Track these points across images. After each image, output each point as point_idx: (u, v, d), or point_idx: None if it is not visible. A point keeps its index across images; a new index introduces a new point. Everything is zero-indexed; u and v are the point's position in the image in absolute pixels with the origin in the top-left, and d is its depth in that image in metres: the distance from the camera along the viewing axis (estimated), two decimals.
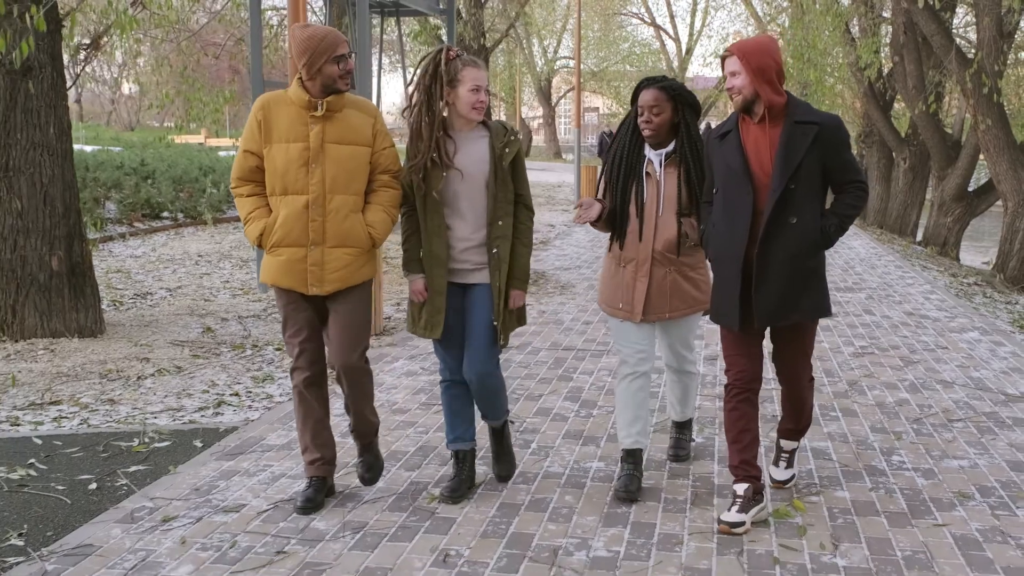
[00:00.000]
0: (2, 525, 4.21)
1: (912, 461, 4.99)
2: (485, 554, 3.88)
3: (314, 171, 4.09)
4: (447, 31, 12.35)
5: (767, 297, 4.08)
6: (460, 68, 4.15)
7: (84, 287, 7.84)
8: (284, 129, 4.12)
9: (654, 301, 4.46)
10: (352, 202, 4.17)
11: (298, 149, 4.09)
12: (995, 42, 14.64)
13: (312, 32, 4.07)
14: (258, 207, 4.20)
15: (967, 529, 4.12)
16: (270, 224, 4.15)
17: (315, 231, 4.12)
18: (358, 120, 4.18)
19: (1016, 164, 14.97)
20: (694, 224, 4.38)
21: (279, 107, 4.15)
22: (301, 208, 4.11)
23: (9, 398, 6.17)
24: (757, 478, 4.21)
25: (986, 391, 6.33)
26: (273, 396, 6.24)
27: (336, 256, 4.16)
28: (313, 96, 4.10)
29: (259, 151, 4.16)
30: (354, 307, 4.23)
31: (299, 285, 4.17)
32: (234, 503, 4.40)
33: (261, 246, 4.20)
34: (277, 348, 7.58)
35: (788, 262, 4.04)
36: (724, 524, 4.08)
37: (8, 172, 7.47)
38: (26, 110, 7.48)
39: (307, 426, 4.36)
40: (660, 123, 4.33)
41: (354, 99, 4.24)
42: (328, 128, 4.12)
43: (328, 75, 4.07)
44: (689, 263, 4.49)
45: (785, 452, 4.63)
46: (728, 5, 47.26)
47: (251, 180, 4.22)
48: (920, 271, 12.56)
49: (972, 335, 8.17)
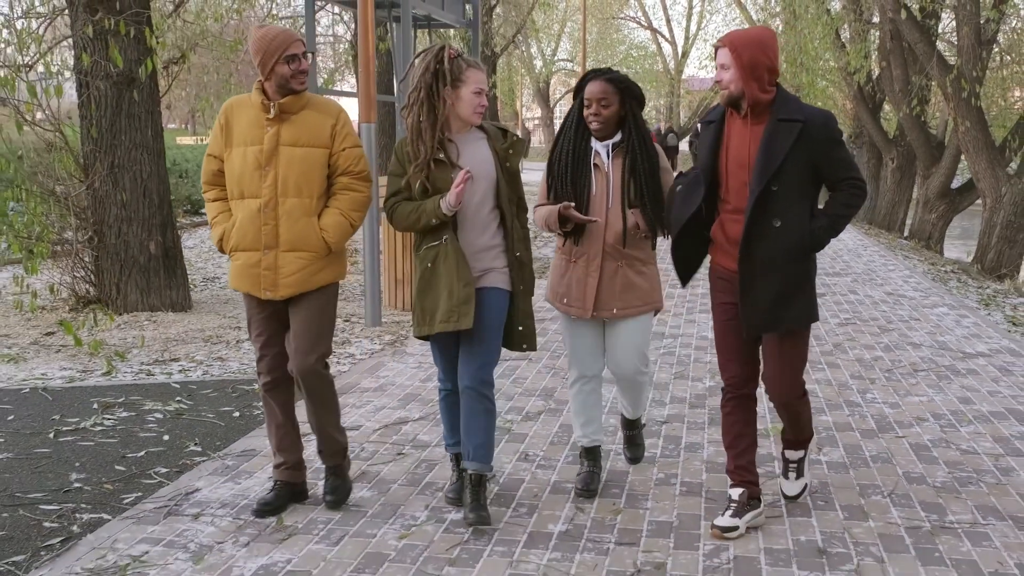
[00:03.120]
0: (179, 437, 5.45)
1: (882, 397, 6.25)
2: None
3: (267, 174, 4.03)
4: (472, 42, 13.57)
5: (754, 306, 3.95)
6: (463, 68, 4.02)
7: (175, 268, 9.08)
8: (243, 132, 4.07)
9: (604, 296, 4.33)
10: (306, 205, 4.08)
11: (254, 152, 4.04)
12: (974, 49, 15.88)
13: (265, 32, 4.03)
14: (221, 211, 4.19)
15: (921, 440, 5.38)
16: (229, 228, 4.14)
17: (268, 235, 4.06)
18: (315, 121, 4.08)
19: (993, 163, 16.23)
20: (640, 215, 4.27)
21: (241, 110, 4.11)
22: (255, 212, 4.05)
23: (135, 356, 7.40)
24: (754, 483, 4.16)
25: (948, 350, 7.60)
26: (355, 355, 7.49)
27: (289, 260, 4.08)
28: (270, 98, 4.05)
29: (220, 154, 4.15)
30: (312, 311, 4.15)
31: (254, 289, 4.12)
32: (353, 423, 5.64)
33: (223, 251, 4.19)
34: (345, 320, 8.82)
35: (773, 268, 3.90)
36: (716, 529, 4.05)
37: (114, 169, 8.71)
38: (129, 115, 8.72)
39: (270, 430, 4.36)
40: (608, 116, 4.21)
41: (316, 99, 4.16)
42: (283, 130, 4.04)
43: (280, 75, 4.00)
44: (640, 257, 4.36)
45: (792, 463, 4.42)
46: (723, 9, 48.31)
47: (215, 184, 4.21)
48: (902, 260, 13.85)
49: (942, 310, 9.44)
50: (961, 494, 4.55)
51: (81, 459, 5.08)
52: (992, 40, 17.13)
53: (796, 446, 4.38)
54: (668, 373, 6.85)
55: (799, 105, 3.84)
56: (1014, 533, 4.10)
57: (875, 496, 4.53)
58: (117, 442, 5.37)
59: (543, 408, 5.96)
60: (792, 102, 3.84)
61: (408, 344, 7.81)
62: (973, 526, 4.18)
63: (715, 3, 47.23)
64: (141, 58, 8.71)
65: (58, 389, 6.47)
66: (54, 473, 4.87)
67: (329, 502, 4.35)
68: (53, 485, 4.71)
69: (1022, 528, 4.16)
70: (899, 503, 4.44)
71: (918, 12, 17.68)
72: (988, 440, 5.35)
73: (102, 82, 8.54)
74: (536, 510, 4.35)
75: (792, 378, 4.07)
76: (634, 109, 4.25)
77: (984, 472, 4.85)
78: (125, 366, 7.12)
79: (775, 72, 3.83)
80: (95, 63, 8.45)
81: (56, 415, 5.86)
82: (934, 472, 4.85)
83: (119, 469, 4.94)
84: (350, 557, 3.86)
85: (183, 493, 4.56)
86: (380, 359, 7.32)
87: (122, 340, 7.91)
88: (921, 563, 3.82)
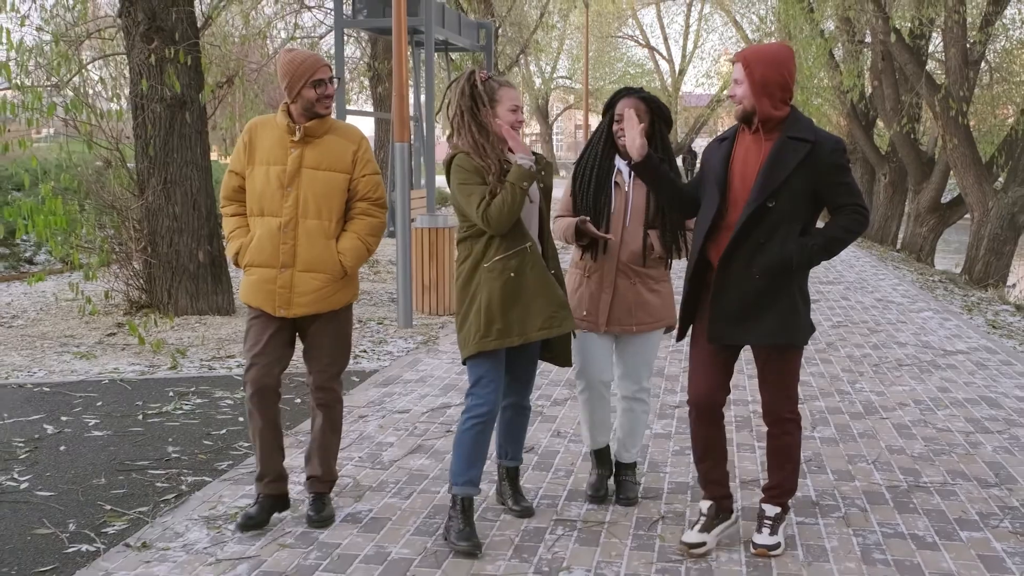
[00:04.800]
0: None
1: (869, 387, 7.02)
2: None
3: (289, 194, 4.13)
4: (486, 65, 14.43)
5: (720, 314, 3.94)
6: (496, 88, 4.10)
7: (221, 275, 9.86)
8: (266, 151, 4.17)
9: (617, 312, 4.43)
10: (325, 227, 4.18)
11: (276, 172, 4.14)
12: (961, 70, 16.69)
13: (293, 56, 4.14)
14: (239, 226, 4.27)
15: (902, 421, 6.15)
16: (246, 244, 4.22)
17: (286, 254, 4.15)
18: (338, 146, 4.19)
19: (980, 179, 17.03)
20: (657, 237, 4.38)
21: (265, 130, 4.22)
22: (274, 230, 4.15)
23: (193, 354, 8.16)
24: (725, 496, 4.18)
25: (930, 348, 8.39)
26: (392, 352, 8.26)
27: (305, 280, 4.17)
28: (295, 121, 4.16)
29: (243, 171, 4.23)
30: (331, 330, 4.29)
31: (267, 305, 4.20)
32: (402, 408, 6.41)
33: (238, 264, 4.27)
34: (379, 323, 9.59)
35: (747, 282, 3.88)
36: (683, 544, 4.06)
37: (167, 184, 9.49)
38: (181, 135, 9.51)
39: (254, 442, 4.38)
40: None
41: (339, 125, 4.27)
42: (307, 153, 4.15)
43: (306, 99, 4.10)
44: (654, 275, 4.45)
45: (768, 518, 4.13)
46: (720, 28, 49.24)
47: (235, 200, 4.29)
48: (892, 270, 14.67)
49: (927, 314, 10.24)
50: (935, 462, 5.32)
51: (172, 436, 5.84)
52: (979, 61, 17.90)
53: (776, 498, 4.15)
54: (678, 367, 7.62)
55: (811, 126, 3.84)
56: (977, 491, 4.87)
57: (861, 463, 5.30)
58: (199, 423, 6.13)
59: (568, 396, 6.72)
60: (804, 122, 3.85)
61: (440, 342, 8.59)
62: (943, 485, 4.95)
63: (711, 22, 48.07)
64: (192, 83, 9.50)
65: (134, 380, 7.24)
66: (152, 447, 5.63)
67: (313, 519, 4.37)
68: (154, 455, 5.47)
69: (984, 487, 4.93)
70: (881, 468, 5.21)
71: (907, 35, 18.54)
72: (961, 421, 6.13)
73: (157, 105, 9.32)
74: (572, 474, 5.12)
75: (779, 393, 4.01)
76: (662, 129, 4.37)
77: (955, 445, 5.63)
78: (186, 362, 7.87)
79: (789, 90, 3.82)
80: (151, 87, 9.23)
81: (139, 401, 6.62)
82: (912, 445, 5.62)
83: (207, 443, 5.70)
84: (422, 507, 4.62)
85: None
86: (416, 355, 8.09)
87: (178, 340, 8.67)
88: (898, 512, 4.59)
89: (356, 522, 4.44)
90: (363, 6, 13.30)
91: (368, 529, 4.36)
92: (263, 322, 4.24)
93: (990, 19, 16.97)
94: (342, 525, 4.41)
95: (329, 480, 4.45)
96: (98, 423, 6.11)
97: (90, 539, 4.29)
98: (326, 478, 4.44)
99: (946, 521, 4.47)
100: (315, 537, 4.27)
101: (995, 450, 5.52)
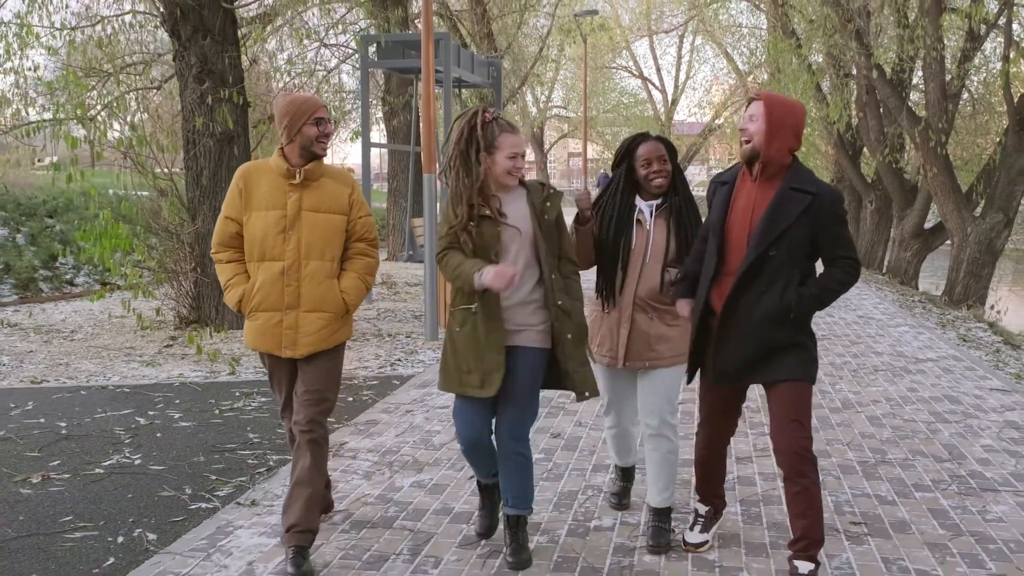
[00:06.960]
0: None
1: (847, 388, 8.03)
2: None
3: (290, 237, 4.17)
4: (495, 100, 15.49)
5: (722, 358, 4.06)
6: (497, 134, 4.09)
7: None
8: (263, 197, 4.21)
9: (635, 347, 4.47)
10: (327, 268, 4.25)
11: (276, 216, 4.18)
12: (940, 103, 17.73)
13: (294, 97, 4.26)
14: (237, 273, 4.29)
15: (874, 413, 7.15)
16: (249, 290, 4.24)
17: (290, 295, 4.20)
18: (335, 189, 4.27)
19: (960, 206, 18.06)
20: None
21: (260, 176, 4.26)
22: (277, 274, 4.19)
23: (247, 361, 9.14)
24: (719, 500, 4.58)
25: (904, 357, 9.41)
26: (424, 361, 9.25)
27: (310, 320, 4.23)
28: (292, 164, 4.21)
29: (239, 218, 4.26)
30: (323, 368, 4.28)
31: (274, 348, 4.26)
32: (442, 404, 7.39)
33: (241, 311, 4.30)
34: (407, 336, 10.58)
35: (750, 328, 3.99)
36: (690, 545, 4.43)
37: (217, 211, 10.48)
38: (228, 168, 10.52)
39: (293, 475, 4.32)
40: (669, 172, 4.41)
41: (331, 169, 4.35)
42: (305, 196, 4.21)
43: (307, 136, 4.17)
44: (671, 311, 4.48)
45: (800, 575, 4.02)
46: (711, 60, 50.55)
47: (230, 246, 4.31)
48: (875, 291, 15.72)
49: (903, 328, 11.27)
50: (899, 444, 6.32)
51: (249, 426, 6.82)
52: (958, 95, 18.96)
53: (805, 551, 4.01)
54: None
55: (812, 178, 3.92)
56: (933, 466, 5.87)
57: (837, 445, 6.29)
58: (269, 416, 7.11)
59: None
60: (805, 173, 3.93)
61: None
62: (905, 460, 5.95)
63: (703, 53, 49.48)
64: (239, 119, 10.53)
65: (202, 383, 8.22)
66: (234, 434, 6.61)
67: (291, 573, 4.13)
68: (239, 440, 6.44)
69: (939, 462, 5.92)
70: (854, 449, 6.21)
71: (891, 70, 19.66)
72: (925, 414, 7.13)
73: (209, 140, 10.35)
74: (595, 452, 6.10)
75: (794, 432, 3.94)
76: (678, 170, 4.49)
77: (918, 432, 6.63)
78: (241, 368, 8.85)
79: (797, 141, 3.91)
80: (204, 124, 10.26)
81: (211, 400, 7.60)
82: (881, 432, 6.63)
83: (280, 432, 6.67)
84: (473, 478, 5.60)
85: (338, 444, 6.29)
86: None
87: (229, 350, 9.65)
88: (866, 479, 5.58)
89: (421, 487, 5.42)
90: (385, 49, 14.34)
91: (432, 492, 5.34)
92: (276, 366, 4.38)
93: (968, 55, 18.08)
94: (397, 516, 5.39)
95: (310, 531, 4.23)
96: (182, 416, 7.08)
97: (207, 499, 5.27)
98: (308, 527, 4.21)
99: (904, 485, 5.47)
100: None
101: (951, 435, 6.53)
